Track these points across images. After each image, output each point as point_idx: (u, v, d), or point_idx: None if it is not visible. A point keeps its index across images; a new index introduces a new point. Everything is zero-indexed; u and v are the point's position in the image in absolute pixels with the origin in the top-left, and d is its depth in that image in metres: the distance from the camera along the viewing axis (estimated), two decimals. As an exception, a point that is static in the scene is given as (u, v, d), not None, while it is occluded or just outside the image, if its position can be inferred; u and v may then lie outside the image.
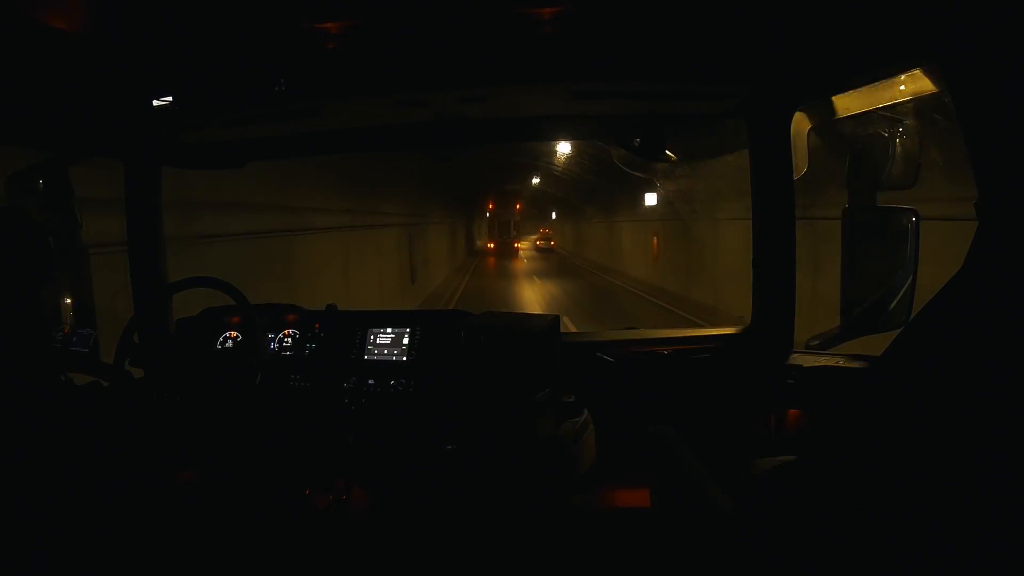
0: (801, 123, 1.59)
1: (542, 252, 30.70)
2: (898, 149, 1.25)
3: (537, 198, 25.95)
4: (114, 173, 1.86)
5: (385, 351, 1.67)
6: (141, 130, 1.66)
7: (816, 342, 1.54)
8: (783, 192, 1.61)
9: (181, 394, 1.47)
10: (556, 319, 1.55)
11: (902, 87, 1.20)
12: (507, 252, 26.64)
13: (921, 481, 0.60)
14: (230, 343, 1.75)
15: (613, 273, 18.58)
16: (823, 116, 1.57)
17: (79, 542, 0.96)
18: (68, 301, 1.77)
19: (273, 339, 1.75)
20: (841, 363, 1.52)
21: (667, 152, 1.76)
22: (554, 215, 34.63)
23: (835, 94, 1.42)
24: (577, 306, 12.10)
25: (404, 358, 1.64)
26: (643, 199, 13.69)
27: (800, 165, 1.61)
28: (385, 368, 1.63)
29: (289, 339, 1.74)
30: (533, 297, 13.80)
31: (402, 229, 11.96)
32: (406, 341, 1.66)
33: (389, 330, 1.69)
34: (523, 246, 31.35)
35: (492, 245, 27.84)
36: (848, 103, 1.42)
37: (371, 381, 1.60)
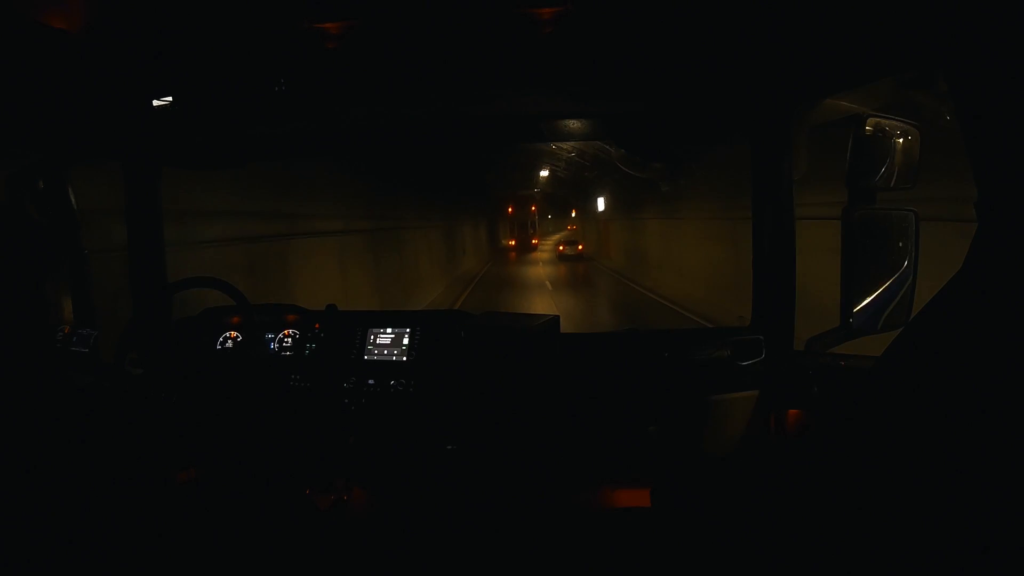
0: (801, 123, 1.59)
1: (566, 261, 21.74)
2: (898, 149, 1.24)
3: (553, 192, 25.73)
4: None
5: (385, 351, 1.67)
6: (141, 130, 1.66)
7: (816, 342, 1.54)
8: (783, 192, 1.61)
9: (181, 394, 1.47)
10: (555, 319, 1.55)
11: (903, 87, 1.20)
12: (526, 247, 31.31)
13: (921, 480, 0.60)
14: (230, 343, 1.75)
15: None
16: (823, 116, 1.57)
17: (79, 541, 0.96)
18: (68, 301, 1.77)
19: (273, 339, 1.75)
20: (841, 363, 1.52)
21: (667, 152, 1.76)
22: (573, 213, 33.52)
23: (835, 94, 1.42)
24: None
25: (404, 358, 1.64)
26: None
27: (800, 165, 1.61)
28: (385, 368, 1.63)
29: (289, 339, 1.74)
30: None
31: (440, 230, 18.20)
32: (406, 341, 1.66)
33: (389, 330, 1.69)
34: (542, 248, 31.46)
35: (513, 242, 32.82)
36: (848, 103, 1.42)
37: (371, 381, 1.60)
